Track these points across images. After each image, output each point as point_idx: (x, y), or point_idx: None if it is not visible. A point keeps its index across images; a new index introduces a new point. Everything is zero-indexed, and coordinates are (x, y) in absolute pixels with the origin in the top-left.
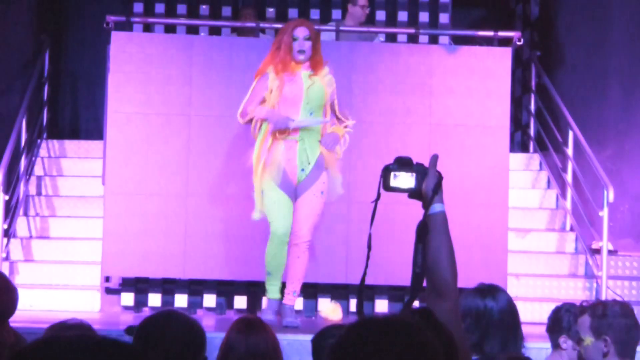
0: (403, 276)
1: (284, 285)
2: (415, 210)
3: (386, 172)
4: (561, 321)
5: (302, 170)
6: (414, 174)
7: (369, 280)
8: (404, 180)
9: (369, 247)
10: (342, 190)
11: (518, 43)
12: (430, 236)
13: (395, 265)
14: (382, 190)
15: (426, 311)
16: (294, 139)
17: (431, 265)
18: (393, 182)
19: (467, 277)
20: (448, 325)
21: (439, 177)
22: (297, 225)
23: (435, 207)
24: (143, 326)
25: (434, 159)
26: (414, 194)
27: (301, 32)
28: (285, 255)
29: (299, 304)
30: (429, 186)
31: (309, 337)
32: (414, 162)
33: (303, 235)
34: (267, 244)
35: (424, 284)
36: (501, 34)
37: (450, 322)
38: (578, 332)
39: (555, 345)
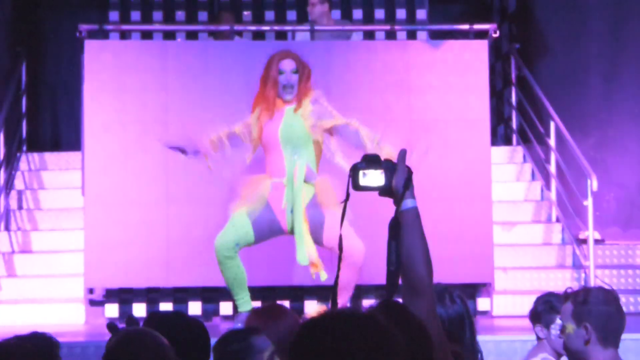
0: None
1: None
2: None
3: (355, 171)
4: (537, 311)
5: (291, 211)
6: (383, 171)
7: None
8: (373, 178)
9: (340, 249)
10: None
11: (494, 35)
12: (403, 233)
13: (380, 263)
14: (352, 190)
15: (396, 305)
16: (279, 180)
17: (405, 262)
18: (362, 181)
19: (455, 272)
20: (425, 321)
21: (409, 173)
22: (327, 245)
23: (407, 203)
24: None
25: (402, 154)
26: (384, 191)
27: (287, 64)
28: (235, 267)
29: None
30: (399, 182)
31: None
32: (382, 158)
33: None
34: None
35: (400, 281)
36: (477, 27)
37: (427, 318)
38: (562, 320)
39: (536, 336)
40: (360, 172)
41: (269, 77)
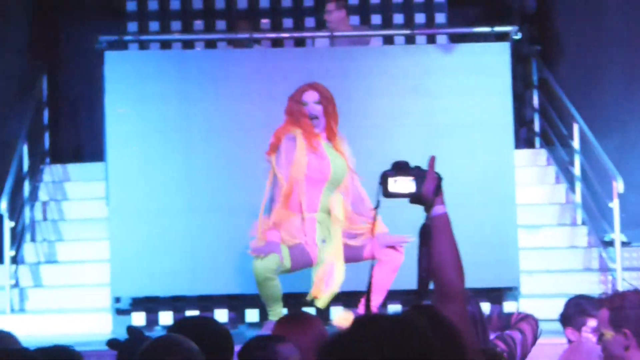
0: (415, 279)
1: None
2: (419, 210)
3: (384, 178)
4: (568, 313)
5: (323, 241)
6: (413, 178)
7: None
8: (404, 185)
9: (373, 256)
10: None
11: (515, 37)
12: (434, 239)
13: (407, 269)
14: (381, 197)
15: (430, 309)
16: (312, 215)
17: (437, 268)
18: (392, 188)
19: (481, 277)
20: (457, 326)
21: (439, 179)
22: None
23: (437, 209)
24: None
25: (432, 160)
26: (414, 198)
27: (310, 96)
28: (273, 286)
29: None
30: (428, 189)
31: None
32: (411, 165)
33: (387, 253)
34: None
35: (431, 287)
36: (498, 29)
37: (459, 323)
38: (600, 327)
39: (567, 339)
40: (390, 180)
41: (293, 110)
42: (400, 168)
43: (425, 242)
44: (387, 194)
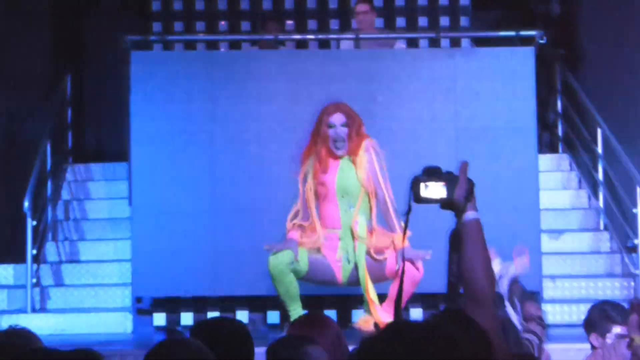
0: (436, 283)
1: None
2: (446, 215)
3: (416, 183)
4: (592, 319)
5: (348, 261)
6: (445, 183)
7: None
8: (435, 190)
9: (404, 260)
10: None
11: (541, 42)
12: (465, 244)
13: (428, 272)
14: (412, 203)
15: (460, 314)
16: (334, 232)
17: (467, 274)
18: (424, 193)
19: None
20: (487, 331)
21: (471, 185)
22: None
23: (469, 215)
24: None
25: (464, 166)
26: (445, 204)
27: (337, 119)
28: (288, 282)
29: (332, 317)
30: (460, 194)
31: None
32: (443, 170)
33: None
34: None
35: (460, 291)
36: (523, 33)
37: (489, 328)
38: (630, 332)
39: (591, 345)
40: (422, 185)
41: (319, 132)
42: (432, 173)
43: (455, 247)
44: (419, 200)
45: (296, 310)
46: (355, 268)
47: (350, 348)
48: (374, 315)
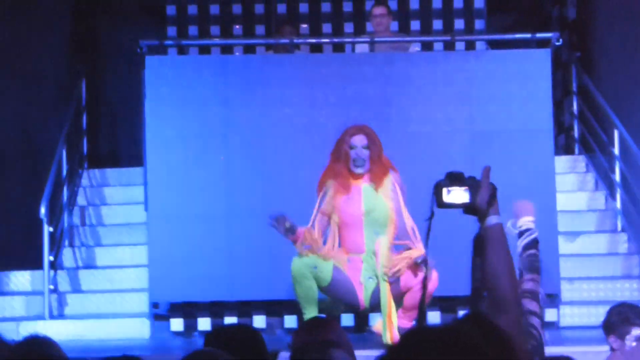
0: (453, 287)
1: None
2: (464, 218)
3: (438, 188)
4: (610, 321)
5: (370, 278)
6: (467, 189)
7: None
8: (458, 195)
9: (427, 266)
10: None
11: (557, 44)
12: (488, 249)
13: (446, 276)
14: (435, 208)
15: (484, 318)
16: (357, 256)
17: (490, 279)
18: (447, 198)
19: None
20: (511, 336)
21: (493, 189)
22: (409, 282)
23: (492, 220)
24: None
25: (487, 171)
26: (468, 209)
27: (359, 140)
28: (308, 287)
29: (349, 320)
30: (483, 199)
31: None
32: (466, 175)
33: (416, 282)
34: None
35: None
36: (539, 35)
37: (512, 334)
38: None
39: (610, 347)
40: (444, 190)
41: (340, 152)
42: (455, 178)
43: (478, 252)
44: (441, 205)
45: (312, 314)
46: (378, 291)
47: (367, 352)
48: (390, 332)
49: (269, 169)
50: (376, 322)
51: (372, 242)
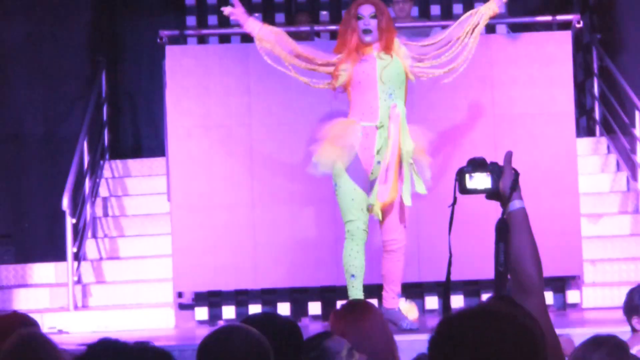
0: (477, 270)
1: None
2: (487, 202)
3: (461, 174)
4: (633, 302)
5: (379, 162)
6: (490, 174)
7: (442, 276)
8: (480, 181)
9: (450, 253)
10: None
11: (577, 26)
12: (512, 233)
13: (469, 259)
14: (458, 194)
15: (511, 301)
16: (372, 124)
17: (515, 263)
18: (469, 184)
19: (544, 265)
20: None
21: (516, 174)
22: (392, 232)
23: (515, 204)
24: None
25: (509, 156)
26: (491, 194)
27: (366, 10)
28: (365, 254)
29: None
30: (505, 184)
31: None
32: (488, 161)
33: (400, 239)
34: (344, 244)
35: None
36: (559, 18)
37: (538, 316)
38: None
39: (632, 328)
40: (467, 176)
41: (348, 24)
42: (477, 164)
43: (502, 237)
44: (464, 191)
45: (361, 290)
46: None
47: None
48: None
49: (292, 157)
50: (401, 307)
51: (387, 107)
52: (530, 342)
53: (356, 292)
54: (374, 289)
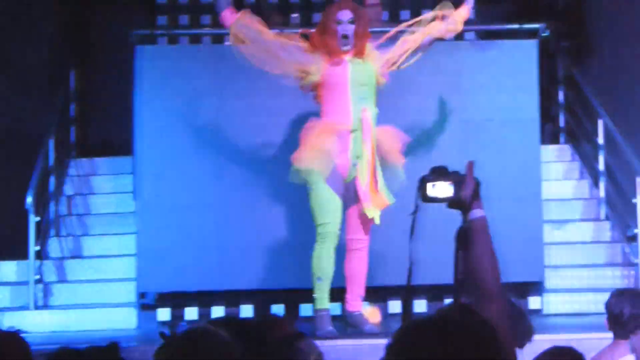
0: (440, 275)
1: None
2: (449, 209)
3: (423, 182)
4: (622, 313)
5: (354, 165)
6: (452, 183)
7: (406, 280)
8: (442, 189)
9: (411, 261)
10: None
11: (543, 34)
12: (472, 242)
13: (432, 264)
14: (420, 202)
15: (468, 308)
16: (346, 128)
17: (474, 271)
18: (431, 192)
19: (506, 271)
20: (494, 325)
21: (477, 183)
22: (357, 230)
23: (475, 213)
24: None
25: (470, 165)
26: (452, 202)
27: (345, 15)
28: (335, 258)
29: (336, 309)
30: (467, 193)
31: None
32: (450, 170)
33: (365, 239)
34: (314, 246)
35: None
36: (526, 26)
37: (496, 324)
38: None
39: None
40: (429, 184)
41: (327, 27)
42: (439, 173)
43: (462, 245)
44: (426, 199)
45: (328, 294)
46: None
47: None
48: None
49: (259, 159)
50: (364, 311)
51: (359, 110)
52: (487, 351)
53: (321, 295)
54: (337, 292)
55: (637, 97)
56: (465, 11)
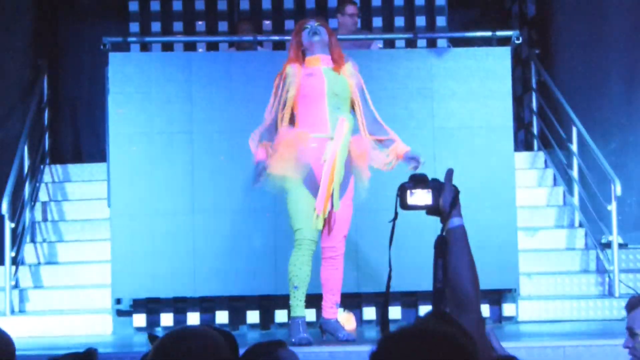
0: (415, 282)
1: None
2: (427, 216)
3: (402, 190)
4: None
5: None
6: (430, 190)
7: (381, 287)
8: (421, 197)
9: (390, 268)
10: (365, 195)
11: (517, 42)
12: (450, 250)
13: (407, 271)
14: (399, 209)
15: (447, 316)
16: (324, 136)
17: (452, 280)
18: (410, 200)
19: (480, 278)
20: (472, 334)
21: (456, 192)
22: (333, 238)
23: (454, 221)
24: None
25: (450, 173)
26: (431, 210)
27: (311, 21)
28: (312, 266)
29: (310, 315)
30: (445, 201)
31: (364, 348)
32: (429, 178)
33: (340, 247)
34: (292, 252)
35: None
36: (499, 33)
37: (474, 331)
38: (632, 328)
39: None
40: (408, 192)
41: (296, 39)
42: (418, 180)
43: (441, 253)
44: (405, 206)
45: (303, 302)
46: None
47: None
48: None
49: (232, 166)
50: (339, 317)
51: (335, 119)
52: None
53: (297, 302)
54: (313, 299)
55: (610, 103)
56: (404, 149)
